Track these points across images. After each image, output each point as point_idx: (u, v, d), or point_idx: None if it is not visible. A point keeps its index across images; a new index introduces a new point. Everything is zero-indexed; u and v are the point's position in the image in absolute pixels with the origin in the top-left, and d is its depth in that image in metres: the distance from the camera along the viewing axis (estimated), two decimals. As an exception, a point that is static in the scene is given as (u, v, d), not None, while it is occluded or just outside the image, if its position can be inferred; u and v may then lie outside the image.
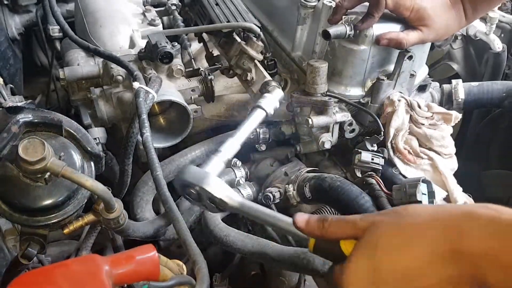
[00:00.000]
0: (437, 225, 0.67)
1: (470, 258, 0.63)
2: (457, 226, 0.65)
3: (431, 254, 0.66)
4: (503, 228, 0.63)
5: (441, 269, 0.65)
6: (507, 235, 0.62)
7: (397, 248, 0.68)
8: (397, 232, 0.70)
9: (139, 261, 0.69)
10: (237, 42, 1.31)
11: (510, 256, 0.61)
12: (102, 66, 1.32)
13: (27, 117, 0.95)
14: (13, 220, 0.92)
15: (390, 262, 0.68)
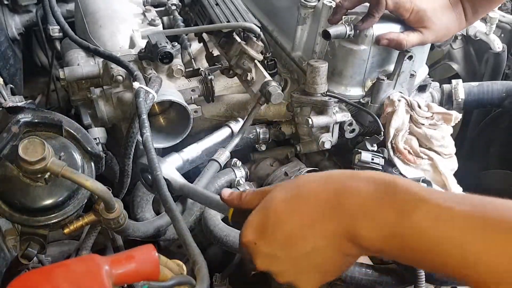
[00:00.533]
0: (323, 186, 0.72)
1: (348, 212, 0.68)
2: (341, 184, 0.70)
3: (313, 214, 0.70)
4: (381, 186, 0.67)
5: (320, 227, 0.70)
6: (384, 191, 0.66)
7: (285, 211, 0.73)
8: (288, 195, 0.74)
9: (139, 261, 0.69)
10: (237, 42, 1.31)
11: (382, 209, 0.65)
12: (102, 66, 1.32)
13: (27, 117, 0.95)
14: (13, 220, 0.92)
15: (276, 223, 0.73)
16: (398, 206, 0.65)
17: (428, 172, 1.26)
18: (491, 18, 1.70)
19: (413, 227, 0.63)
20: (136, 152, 1.23)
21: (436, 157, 1.27)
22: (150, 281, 0.71)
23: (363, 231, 0.67)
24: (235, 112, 1.43)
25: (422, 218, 0.62)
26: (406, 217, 0.63)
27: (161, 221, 1.17)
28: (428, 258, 0.63)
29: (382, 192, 0.67)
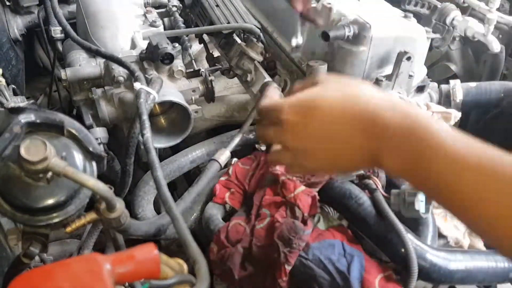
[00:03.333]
0: (363, 110, 0.78)
1: (377, 140, 0.75)
2: (374, 114, 0.76)
3: (348, 128, 0.78)
4: (406, 122, 0.74)
5: (351, 139, 0.78)
6: (407, 128, 0.73)
7: (328, 114, 0.80)
8: (336, 102, 0.80)
9: (140, 260, 0.69)
10: (237, 43, 1.32)
11: (405, 146, 0.73)
12: (103, 67, 1.32)
13: (29, 118, 0.95)
14: (15, 219, 0.93)
15: (318, 119, 0.80)
16: (418, 148, 0.72)
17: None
18: (489, 19, 1.71)
19: (430, 172, 0.71)
20: (137, 152, 1.24)
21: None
22: (151, 279, 0.72)
23: (385, 160, 0.75)
24: (235, 113, 1.44)
25: (438, 168, 0.70)
26: (425, 162, 0.71)
27: (162, 221, 1.17)
28: (442, 198, 0.72)
29: (405, 128, 0.73)
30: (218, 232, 1.25)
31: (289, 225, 1.15)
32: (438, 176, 0.71)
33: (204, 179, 1.19)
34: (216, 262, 1.22)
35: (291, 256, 1.12)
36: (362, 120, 0.77)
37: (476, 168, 0.69)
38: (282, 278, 1.12)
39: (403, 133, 0.73)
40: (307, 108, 0.81)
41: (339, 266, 1.10)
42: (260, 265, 1.18)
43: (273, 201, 1.23)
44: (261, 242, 1.19)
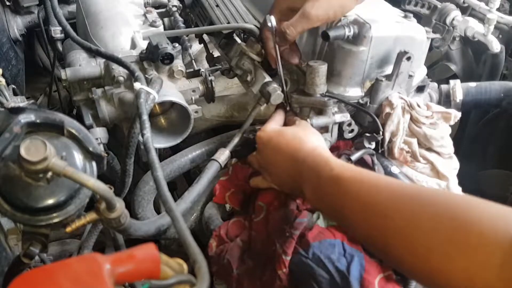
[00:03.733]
0: (296, 161, 1.08)
1: (301, 180, 1.05)
2: (301, 163, 1.07)
3: (289, 167, 1.10)
4: (316, 171, 1.02)
5: (290, 172, 1.10)
6: (317, 176, 1.00)
7: (278, 152, 1.13)
8: (288, 141, 1.13)
9: (140, 260, 0.69)
10: (237, 43, 1.32)
11: (311, 184, 1.03)
12: (103, 67, 1.32)
13: (29, 118, 0.95)
14: (15, 219, 0.93)
15: (273, 153, 1.14)
16: (319, 182, 1.01)
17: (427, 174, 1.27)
18: (489, 19, 1.71)
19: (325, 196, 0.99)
20: (137, 152, 1.24)
21: (436, 159, 1.27)
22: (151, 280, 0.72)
23: (305, 193, 1.05)
24: (235, 113, 1.44)
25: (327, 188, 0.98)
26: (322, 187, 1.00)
27: (162, 221, 1.17)
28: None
29: (314, 171, 1.02)
30: (218, 228, 1.25)
31: (280, 215, 1.15)
32: (326, 194, 0.98)
33: (204, 179, 1.19)
34: (214, 258, 1.23)
35: (287, 246, 1.12)
36: (295, 161, 1.07)
37: (346, 182, 0.94)
38: (281, 269, 1.12)
39: (312, 174, 1.01)
40: (268, 138, 1.15)
41: (339, 265, 1.10)
42: (259, 259, 1.18)
43: (269, 193, 1.23)
44: (259, 235, 1.19)
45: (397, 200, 0.84)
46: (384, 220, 0.83)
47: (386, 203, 0.85)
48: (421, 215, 0.78)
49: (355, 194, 0.91)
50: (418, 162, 1.27)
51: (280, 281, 1.13)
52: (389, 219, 0.82)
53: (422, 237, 0.76)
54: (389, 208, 0.84)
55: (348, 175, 0.94)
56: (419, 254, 0.77)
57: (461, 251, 0.69)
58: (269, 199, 1.22)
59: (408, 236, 0.79)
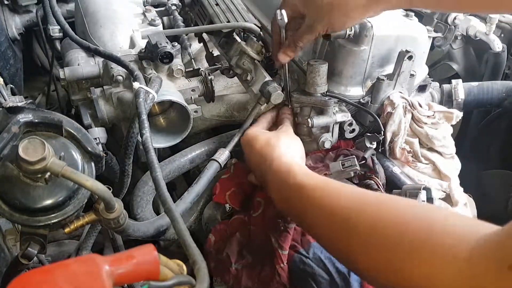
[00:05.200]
0: (268, 165, 1.11)
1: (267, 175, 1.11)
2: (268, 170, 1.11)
3: (262, 168, 1.14)
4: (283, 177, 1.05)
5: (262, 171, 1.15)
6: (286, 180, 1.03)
7: (258, 154, 1.16)
8: (265, 150, 1.15)
9: (139, 260, 0.69)
10: (237, 42, 1.31)
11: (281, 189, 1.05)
12: (102, 66, 1.32)
13: (27, 117, 0.95)
14: (14, 220, 0.92)
15: (257, 153, 1.17)
16: (283, 185, 1.04)
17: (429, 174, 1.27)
18: (491, 18, 1.71)
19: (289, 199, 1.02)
20: (136, 152, 1.23)
21: (438, 158, 1.27)
22: (150, 280, 0.71)
23: (271, 194, 1.09)
24: (235, 112, 1.43)
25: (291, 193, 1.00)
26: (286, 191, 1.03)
27: (161, 221, 1.17)
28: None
29: (280, 183, 1.05)
30: (219, 224, 1.25)
31: (275, 210, 1.15)
32: (290, 200, 1.02)
33: (203, 179, 1.18)
34: (212, 253, 1.22)
35: (282, 240, 1.12)
36: (263, 165, 1.12)
37: (308, 191, 0.95)
38: (279, 264, 1.12)
39: (276, 180, 1.06)
40: (246, 141, 1.21)
41: (339, 266, 1.09)
42: (258, 255, 1.18)
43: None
44: (258, 230, 1.19)
45: (361, 206, 0.84)
46: (347, 225, 0.83)
47: (349, 208, 0.85)
48: (385, 222, 0.78)
49: (318, 200, 0.92)
50: (419, 162, 1.27)
51: (279, 277, 1.12)
52: (352, 224, 0.82)
53: (385, 243, 0.76)
54: (352, 213, 0.84)
55: (311, 183, 0.96)
56: (381, 260, 0.77)
57: (423, 259, 0.70)
58: (266, 195, 1.22)
59: (372, 242, 0.79)
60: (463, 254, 0.65)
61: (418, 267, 0.70)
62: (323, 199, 0.91)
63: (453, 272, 0.65)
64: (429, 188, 1.14)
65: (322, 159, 1.31)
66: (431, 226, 0.73)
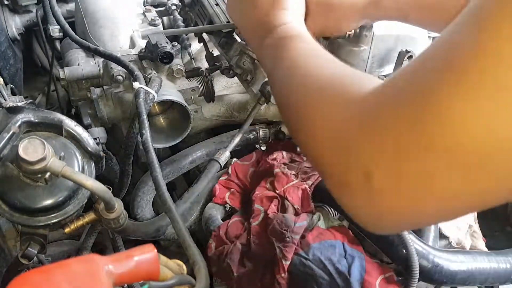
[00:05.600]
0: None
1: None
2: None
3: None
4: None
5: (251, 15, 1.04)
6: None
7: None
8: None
9: (139, 260, 0.69)
10: (237, 42, 1.31)
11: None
12: (102, 66, 1.32)
13: (27, 117, 0.95)
14: (14, 220, 0.92)
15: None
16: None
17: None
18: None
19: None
20: (136, 152, 1.23)
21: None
22: (150, 281, 0.71)
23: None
24: (235, 112, 1.43)
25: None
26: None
27: (161, 221, 1.17)
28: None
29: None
30: (218, 229, 1.24)
31: (279, 220, 1.15)
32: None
33: (204, 179, 1.18)
34: (213, 259, 1.22)
35: (287, 251, 1.11)
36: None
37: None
38: (280, 274, 1.11)
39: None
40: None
41: (340, 267, 1.09)
42: (259, 262, 1.18)
43: (265, 195, 1.22)
44: (258, 239, 1.19)
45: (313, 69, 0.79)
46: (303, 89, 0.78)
47: (306, 67, 0.80)
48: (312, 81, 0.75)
49: (287, 58, 0.85)
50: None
51: (279, 285, 1.12)
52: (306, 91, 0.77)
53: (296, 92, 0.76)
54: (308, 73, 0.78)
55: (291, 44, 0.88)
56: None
57: (322, 104, 0.68)
58: (266, 202, 1.21)
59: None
60: (359, 98, 0.62)
61: (315, 112, 0.69)
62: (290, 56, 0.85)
63: (352, 117, 0.61)
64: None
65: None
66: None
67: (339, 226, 1.21)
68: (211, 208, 1.32)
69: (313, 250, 1.12)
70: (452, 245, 1.26)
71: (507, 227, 1.68)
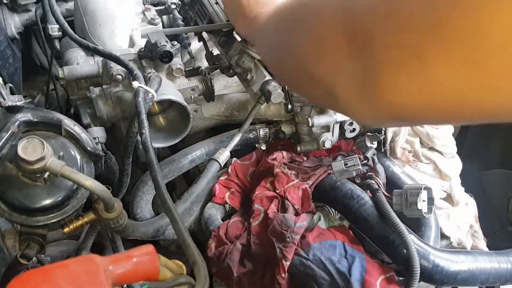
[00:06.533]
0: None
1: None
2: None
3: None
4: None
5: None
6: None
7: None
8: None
9: (138, 261, 0.69)
10: (237, 41, 1.30)
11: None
12: (101, 65, 1.31)
13: (26, 117, 0.95)
14: (13, 220, 0.92)
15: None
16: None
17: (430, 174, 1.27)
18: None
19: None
20: (135, 152, 1.23)
21: (439, 158, 1.26)
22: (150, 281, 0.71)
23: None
24: (235, 112, 1.43)
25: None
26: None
27: (160, 221, 1.16)
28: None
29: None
30: (218, 229, 1.24)
31: (279, 220, 1.14)
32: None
33: (203, 179, 1.18)
34: (213, 259, 1.22)
35: (287, 251, 1.11)
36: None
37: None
38: (280, 274, 1.11)
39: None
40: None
41: (340, 267, 1.09)
42: (259, 262, 1.18)
43: (265, 195, 1.22)
44: (258, 239, 1.18)
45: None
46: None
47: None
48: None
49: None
50: (420, 162, 1.26)
51: (279, 286, 1.12)
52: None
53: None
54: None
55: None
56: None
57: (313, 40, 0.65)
58: (266, 202, 1.21)
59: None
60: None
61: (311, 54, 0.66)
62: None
63: (339, 46, 0.58)
64: (430, 187, 1.13)
65: (320, 161, 1.31)
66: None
67: (340, 226, 1.21)
68: (211, 208, 1.32)
69: (313, 250, 1.11)
70: (453, 245, 1.26)
71: (508, 227, 1.68)
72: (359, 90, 0.56)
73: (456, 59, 0.44)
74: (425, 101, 0.50)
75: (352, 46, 0.55)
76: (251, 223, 1.21)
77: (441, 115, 0.53)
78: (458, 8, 0.42)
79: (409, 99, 0.51)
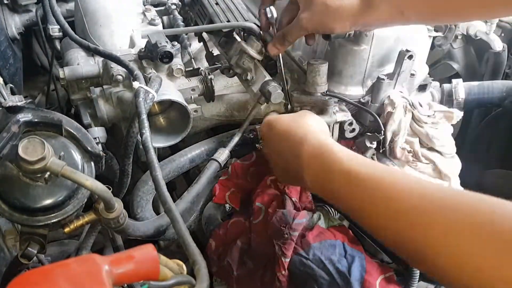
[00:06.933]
0: (297, 145, 1.01)
1: (301, 165, 0.98)
2: (300, 148, 1.00)
3: (288, 152, 1.04)
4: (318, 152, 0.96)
5: (288, 161, 1.04)
6: (320, 155, 0.95)
7: (280, 140, 1.08)
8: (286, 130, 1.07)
9: (139, 260, 0.69)
10: (237, 42, 1.31)
11: (316, 168, 0.95)
12: (102, 65, 1.31)
13: (27, 117, 0.95)
14: (13, 219, 0.92)
15: (275, 140, 1.10)
16: (323, 167, 0.93)
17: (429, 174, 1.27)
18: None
19: (332, 185, 0.90)
20: (136, 152, 1.23)
21: (438, 158, 1.27)
22: (150, 280, 0.71)
23: (305, 178, 0.97)
24: (235, 112, 1.43)
25: (337, 182, 0.88)
26: (328, 177, 0.91)
27: (161, 221, 1.16)
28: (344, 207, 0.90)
29: (317, 153, 0.95)
30: (218, 228, 1.24)
31: (278, 217, 1.15)
32: (338, 189, 0.88)
33: (203, 179, 1.18)
34: (213, 259, 1.22)
35: (285, 248, 1.11)
36: (292, 142, 1.02)
37: (365, 182, 0.83)
38: (281, 271, 1.11)
39: (315, 156, 0.95)
40: (268, 125, 1.12)
41: (340, 266, 1.09)
42: (259, 261, 1.18)
43: (266, 194, 1.22)
44: (259, 237, 1.19)
45: (436, 207, 0.74)
46: (423, 228, 0.73)
47: (425, 210, 0.74)
48: (463, 223, 0.69)
49: (379, 198, 0.80)
50: (420, 162, 1.26)
51: (279, 283, 1.12)
52: (429, 228, 0.73)
53: (464, 244, 0.69)
54: (429, 216, 0.73)
55: (364, 172, 0.84)
56: (463, 263, 0.68)
57: (502, 256, 0.64)
58: (267, 200, 1.21)
59: (452, 245, 0.70)
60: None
61: (501, 268, 0.65)
62: (390, 197, 0.79)
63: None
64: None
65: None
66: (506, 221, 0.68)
67: (339, 225, 1.21)
68: (211, 208, 1.32)
69: (313, 250, 1.11)
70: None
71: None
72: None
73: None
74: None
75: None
76: (252, 221, 1.21)
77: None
78: None
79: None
